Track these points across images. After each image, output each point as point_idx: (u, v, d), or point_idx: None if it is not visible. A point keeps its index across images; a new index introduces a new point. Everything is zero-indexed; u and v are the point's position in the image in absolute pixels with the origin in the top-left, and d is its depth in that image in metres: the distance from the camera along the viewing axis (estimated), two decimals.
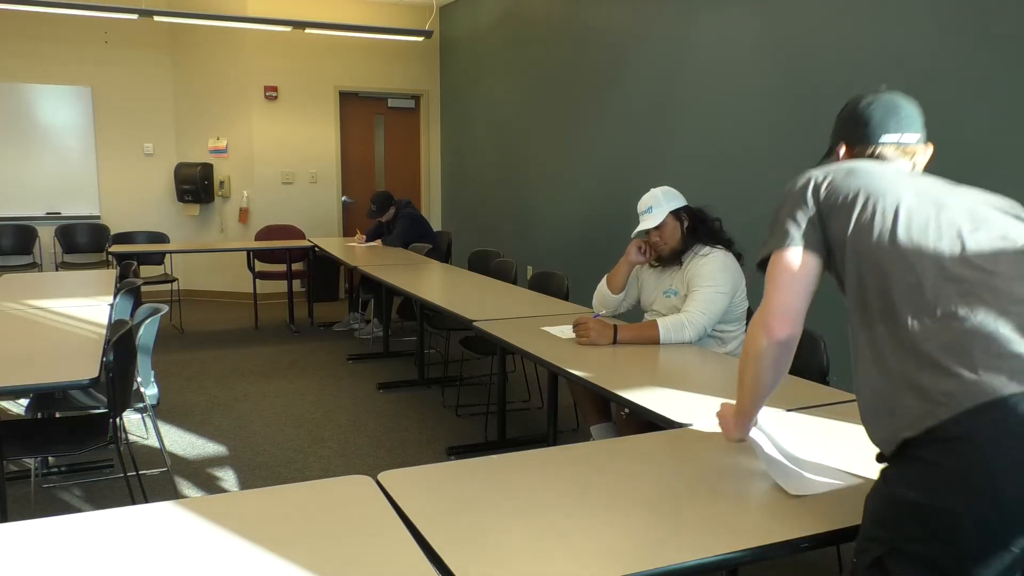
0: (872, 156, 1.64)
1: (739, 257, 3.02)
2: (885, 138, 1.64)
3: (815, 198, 1.51)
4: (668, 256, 3.06)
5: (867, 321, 1.42)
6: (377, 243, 6.59)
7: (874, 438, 1.40)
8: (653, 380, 2.46)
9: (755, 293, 3.16)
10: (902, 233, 1.39)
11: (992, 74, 3.30)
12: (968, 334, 1.27)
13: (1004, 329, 1.25)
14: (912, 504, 1.28)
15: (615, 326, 2.90)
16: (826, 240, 1.50)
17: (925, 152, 1.69)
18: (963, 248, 1.35)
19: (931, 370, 1.29)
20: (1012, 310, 1.27)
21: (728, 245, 3.02)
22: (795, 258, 1.51)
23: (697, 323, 2.85)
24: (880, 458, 1.39)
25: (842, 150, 1.69)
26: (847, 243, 1.45)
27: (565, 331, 3.07)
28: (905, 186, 1.46)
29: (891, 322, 1.37)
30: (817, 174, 1.54)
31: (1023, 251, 1.34)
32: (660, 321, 2.87)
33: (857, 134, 1.67)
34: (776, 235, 1.54)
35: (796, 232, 1.52)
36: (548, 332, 3.10)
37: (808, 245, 1.51)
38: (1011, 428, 1.20)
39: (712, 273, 2.91)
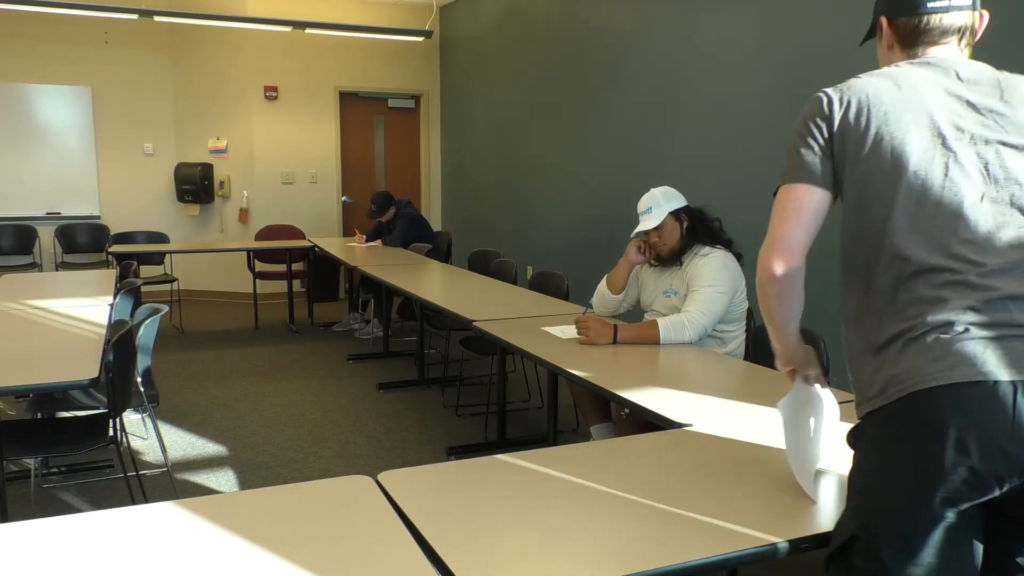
0: (916, 31, 1.49)
1: (739, 257, 3.01)
2: (931, 6, 1.47)
3: (828, 125, 1.43)
4: (667, 256, 3.06)
5: (849, 285, 1.46)
6: (377, 243, 6.59)
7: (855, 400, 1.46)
8: (653, 380, 2.46)
9: (755, 293, 3.16)
10: (899, 206, 1.35)
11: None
12: (927, 324, 1.31)
13: (960, 324, 1.28)
14: (860, 484, 1.37)
15: (615, 326, 2.90)
16: (835, 173, 1.44)
17: (979, 22, 1.53)
18: (957, 227, 1.33)
19: (885, 354, 1.34)
20: (980, 308, 1.28)
21: (728, 245, 3.02)
22: (800, 191, 1.45)
23: (697, 323, 2.85)
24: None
25: (884, 25, 1.55)
26: (847, 199, 1.42)
27: (565, 331, 3.07)
28: (924, 118, 1.37)
29: (868, 295, 1.40)
30: (832, 96, 1.45)
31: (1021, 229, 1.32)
32: (660, 321, 2.87)
33: (900, 4, 1.50)
34: (785, 166, 1.48)
35: (804, 163, 1.45)
36: (548, 332, 3.10)
37: (815, 178, 1.44)
38: (941, 415, 1.25)
39: (712, 273, 2.91)
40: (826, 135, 1.44)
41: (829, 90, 1.47)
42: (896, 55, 1.55)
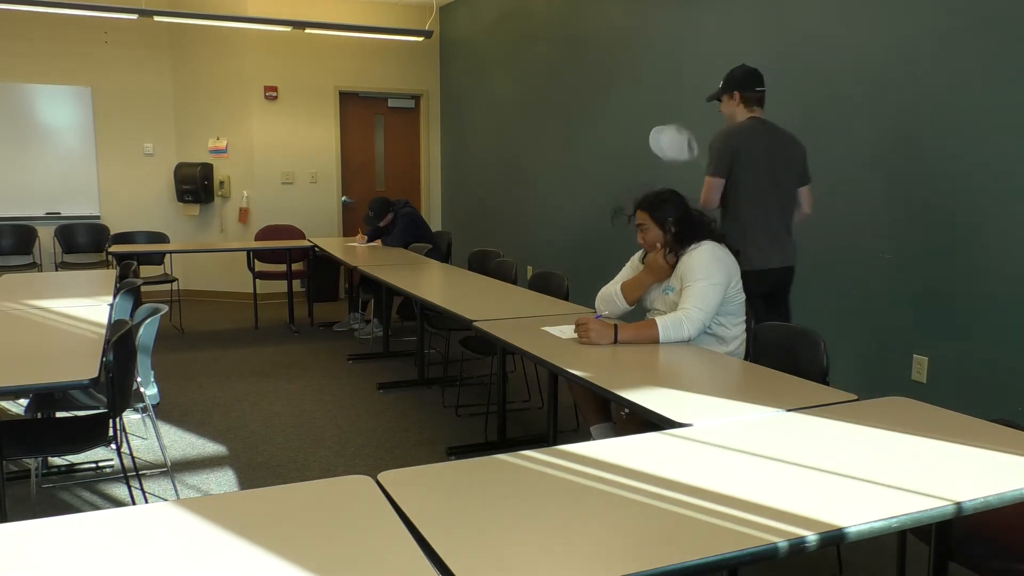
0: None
1: (737, 254, 3.03)
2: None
3: None
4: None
5: None
6: (377, 243, 6.59)
7: None
8: (653, 380, 2.46)
9: (747, 285, 3.14)
10: None
11: (994, 72, 3.30)
12: None
13: None
14: None
15: (615, 325, 2.90)
16: None
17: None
18: None
19: None
20: None
21: (720, 239, 3.03)
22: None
23: (695, 318, 2.85)
24: None
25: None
26: None
27: (565, 331, 3.07)
28: None
29: None
30: None
31: None
32: (659, 320, 2.88)
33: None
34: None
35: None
36: (548, 332, 3.10)
37: None
38: None
39: (704, 265, 2.91)
40: None
41: None
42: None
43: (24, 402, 3.71)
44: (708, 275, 2.90)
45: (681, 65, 5.05)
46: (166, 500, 1.48)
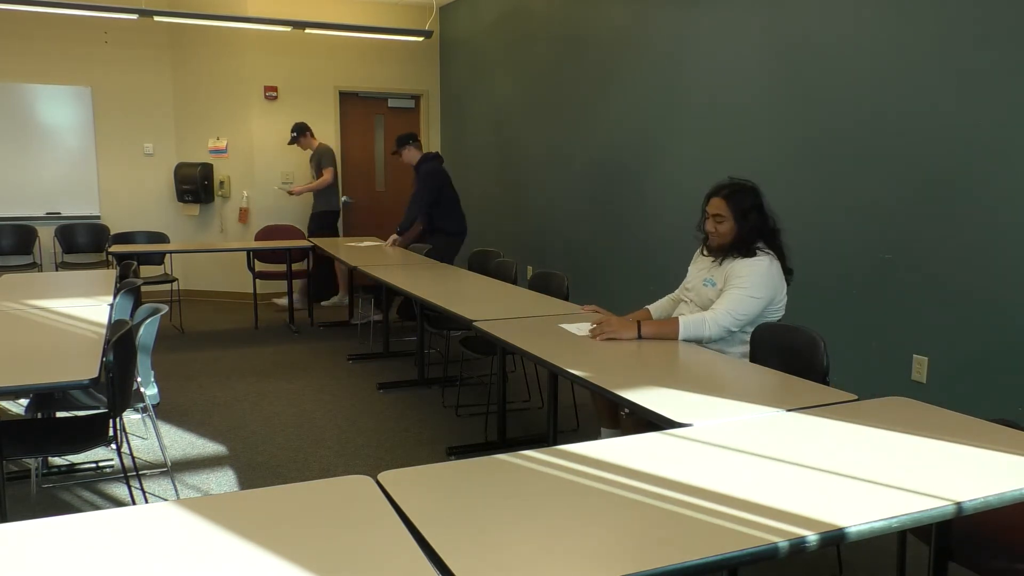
0: None
1: (790, 272, 2.99)
2: None
3: None
4: (716, 247, 3.04)
5: None
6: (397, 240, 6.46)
7: None
8: (653, 380, 2.46)
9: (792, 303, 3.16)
10: None
11: (996, 71, 3.30)
12: None
13: None
14: None
15: (638, 322, 2.95)
16: None
17: None
18: None
19: None
20: None
21: (780, 254, 2.98)
22: None
23: (721, 321, 2.86)
24: None
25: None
26: None
27: (583, 328, 3.08)
28: None
29: None
30: None
31: None
32: (681, 319, 2.93)
33: None
34: None
35: None
36: (566, 329, 3.10)
37: None
38: None
39: (751, 276, 2.89)
40: None
41: None
42: None
43: (24, 402, 3.70)
44: (753, 287, 2.88)
45: (681, 65, 5.05)
46: (166, 500, 1.48)
